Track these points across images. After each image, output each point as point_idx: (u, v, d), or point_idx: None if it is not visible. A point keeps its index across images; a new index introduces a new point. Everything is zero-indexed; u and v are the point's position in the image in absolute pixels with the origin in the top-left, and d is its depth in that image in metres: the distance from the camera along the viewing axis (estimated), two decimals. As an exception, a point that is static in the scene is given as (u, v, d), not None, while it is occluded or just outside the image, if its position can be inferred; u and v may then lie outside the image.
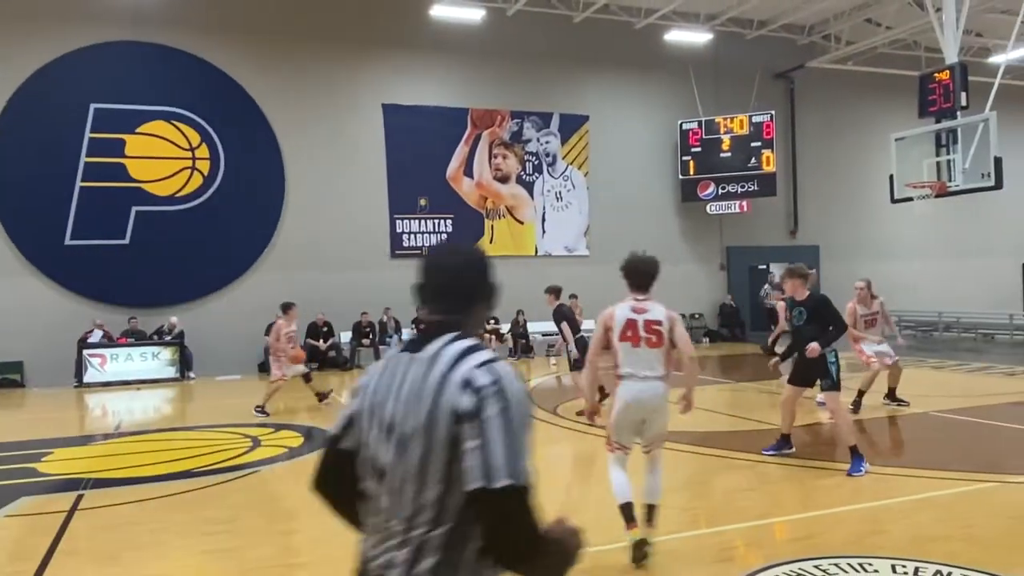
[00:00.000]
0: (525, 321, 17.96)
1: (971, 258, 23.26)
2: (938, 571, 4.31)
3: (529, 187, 19.25)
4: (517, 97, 19.08)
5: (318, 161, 17.30)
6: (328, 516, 2.00)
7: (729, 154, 20.06)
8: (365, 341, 16.71)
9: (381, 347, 16.73)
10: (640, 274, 4.92)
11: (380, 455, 1.73)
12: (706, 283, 20.86)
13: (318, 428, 9.63)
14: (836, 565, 4.46)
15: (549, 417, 9.99)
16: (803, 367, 7.18)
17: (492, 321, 17.63)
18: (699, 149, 20.16)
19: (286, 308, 11.00)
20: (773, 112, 20.24)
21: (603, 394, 7.46)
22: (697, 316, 20.44)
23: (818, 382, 7.26)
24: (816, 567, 4.44)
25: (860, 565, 4.45)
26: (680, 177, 20.34)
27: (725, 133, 20.09)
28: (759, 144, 19.96)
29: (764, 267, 23.17)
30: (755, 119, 20.00)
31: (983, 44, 20.61)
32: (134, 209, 16.02)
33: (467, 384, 1.63)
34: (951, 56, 13.07)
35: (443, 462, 1.62)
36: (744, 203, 20.08)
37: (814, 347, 6.82)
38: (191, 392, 14.29)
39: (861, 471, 6.59)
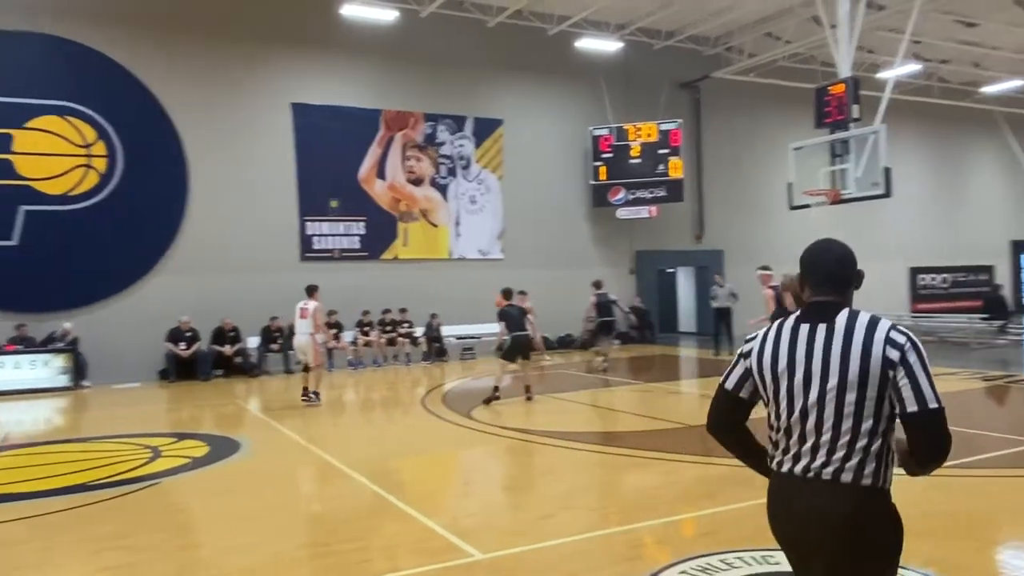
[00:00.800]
0: (439, 324, 17.87)
1: (864, 262, 24.25)
2: (834, 560, 4.51)
3: (443, 190, 19.19)
4: (431, 100, 19.00)
5: (224, 160, 16.73)
6: (233, 527, 1.92)
7: (639, 160, 20.54)
8: (274, 346, 16.23)
9: (290, 352, 16.28)
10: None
11: (803, 398, 2.32)
12: (616, 286, 21.22)
13: (224, 437, 9.31)
14: (740, 558, 4.61)
15: (463, 420, 9.96)
16: None
17: (405, 324, 17.47)
18: (610, 155, 20.57)
19: (313, 291, 11.62)
20: (680, 120, 20.85)
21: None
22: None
23: None
24: (722, 560, 4.58)
25: (763, 557, 4.61)
26: (592, 182, 20.70)
27: (635, 140, 20.56)
28: (667, 151, 20.52)
29: (672, 271, 23.89)
30: (663, 127, 20.56)
31: (874, 60, 21.82)
32: (22, 208, 15.06)
33: (890, 342, 2.23)
34: (845, 71, 13.77)
35: (875, 398, 2.23)
36: (653, 208, 20.61)
37: None
38: (85, 401, 13.55)
39: None
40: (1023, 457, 7.27)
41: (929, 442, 2.22)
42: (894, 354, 2.22)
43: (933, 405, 2.18)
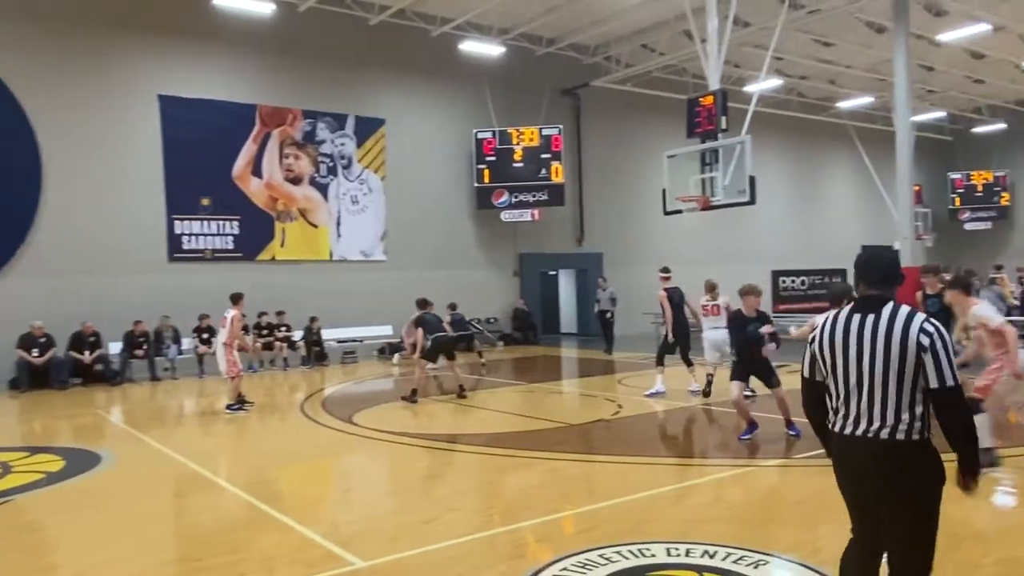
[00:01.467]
0: (319, 328, 17.41)
1: (731, 265, 25.85)
2: (705, 551, 4.72)
3: (323, 189, 18.72)
4: (310, 96, 18.50)
5: (84, 154, 15.63)
6: (95, 545, 1.79)
7: (521, 164, 20.80)
8: (138, 352, 15.28)
9: (157, 358, 15.43)
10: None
11: (856, 373, 2.98)
12: (500, 288, 21.44)
13: (83, 449, 8.69)
14: (618, 553, 4.74)
15: (344, 426, 9.75)
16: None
17: (283, 328, 16.91)
18: (493, 158, 20.72)
19: (237, 299, 11.24)
20: (561, 126, 21.28)
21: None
22: (492, 320, 20.96)
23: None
24: (600, 556, 4.70)
25: (639, 551, 4.76)
26: (475, 185, 20.78)
27: (517, 144, 20.81)
28: (549, 156, 20.89)
29: (554, 273, 24.32)
30: (545, 132, 20.92)
31: (740, 74, 23.05)
32: None
33: (923, 331, 2.88)
34: (714, 83, 14.44)
35: (912, 376, 2.88)
36: (535, 212, 20.92)
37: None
38: (-80, 415, 12.30)
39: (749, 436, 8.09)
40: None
41: (948, 412, 2.89)
42: (925, 341, 2.88)
43: (951, 383, 2.85)
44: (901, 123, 17.68)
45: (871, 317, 2.99)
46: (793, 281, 27.99)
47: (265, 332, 16.73)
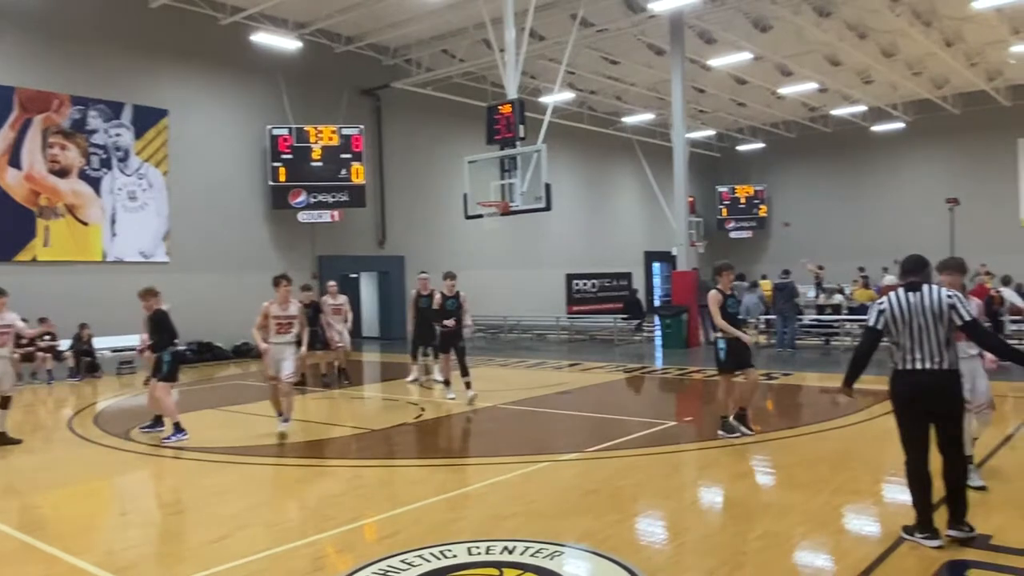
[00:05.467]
0: (91, 336, 15.76)
1: (529, 268, 26.86)
2: (505, 547, 4.83)
3: (96, 184, 17.00)
4: (80, 81, 16.74)
5: None
6: None
7: (320, 164, 20.21)
8: None
9: None
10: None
11: (917, 327, 4.73)
12: (297, 292, 20.60)
13: None
14: (420, 556, 4.72)
15: (120, 443, 8.90)
16: None
17: (47, 337, 15.11)
18: (290, 156, 19.94)
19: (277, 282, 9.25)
20: (362, 126, 20.94)
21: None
22: (289, 325, 20.10)
23: None
24: (403, 561, 4.65)
25: (441, 552, 4.78)
26: (270, 183, 19.89)
27: (316, 142, 20.20)
28: (349, 156, 20.47)
29: (355, 276, 23.86)
30: (344, 131, 20.48)
31: (536, 85, 23.99)
32: None
33: (950, 297, 4.73)
34: (512, 92, 14.90)
35: (947, 324, 4.70)
36: (335, 213, 20.41)
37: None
38: None
39: None
40: (658, 436, 8.46)
41: (975, 334, 4.84)
42: (951, 302, 4.70)
43: (968, 319, 4.68)
44: (677, 139, 19.32)
45: (917, 294, 4.79)
46: (585, 284, 29.62)
47: (24, 342, 14.83)
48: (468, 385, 10.83)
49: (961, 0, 18.24)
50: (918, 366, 4.71)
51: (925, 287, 4.77)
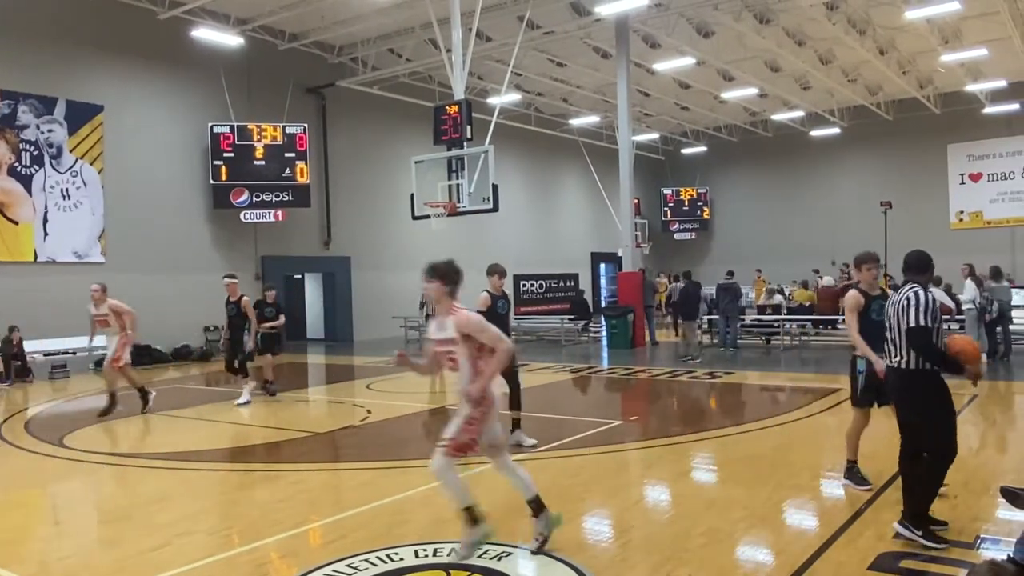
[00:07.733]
0: (21, 339, 15.17)
1: (477, 269, 26.55)
2: (453, 549, 4.81)
3: (26, 181, 16.37)
4: (9, 75, 16.08)
5: None
6: None
7: (263, 162, 19.84)
8: None
9: None
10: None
11: (897, 325, 4.90)
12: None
13: None
14: (367, 560, 4.68)
15: (53, 450, 8.59)
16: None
17: (-26, 341, 14.51)
18: (232, 155, 19.53)
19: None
20: (306, 125, 20.62)
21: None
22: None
23: None
24: (348, 565, 4.60)
25: (388, 556, 4.74)
26: (212, 182, 19.44)
27: (259, 141, 19.82)
28: (293, 155, 20.15)
29: (299, 276, 23.50)
30: (289, 130, 20.15)
31: (484, 86, 23.99)
32: None
33: (907, 297, 4.86)
34: (459, 93, 14.88)
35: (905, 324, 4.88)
36: (279, 212, 20.07)
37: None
38: None
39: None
40: (604, 435, 8.54)
41: (914, 345, 4.78)
42: (906, 302, 4.82)
43: (912, 325, 4.73)
44: (623, 141, 19.56)
45: (900, 293, 4.94)
46: (533, 284, 29.73)
47: (-52, 346, 14.23)
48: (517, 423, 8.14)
49: (894, 10, 18.91)
50: (901, 365, 4.97)
51: (904, 288, 4.91)
